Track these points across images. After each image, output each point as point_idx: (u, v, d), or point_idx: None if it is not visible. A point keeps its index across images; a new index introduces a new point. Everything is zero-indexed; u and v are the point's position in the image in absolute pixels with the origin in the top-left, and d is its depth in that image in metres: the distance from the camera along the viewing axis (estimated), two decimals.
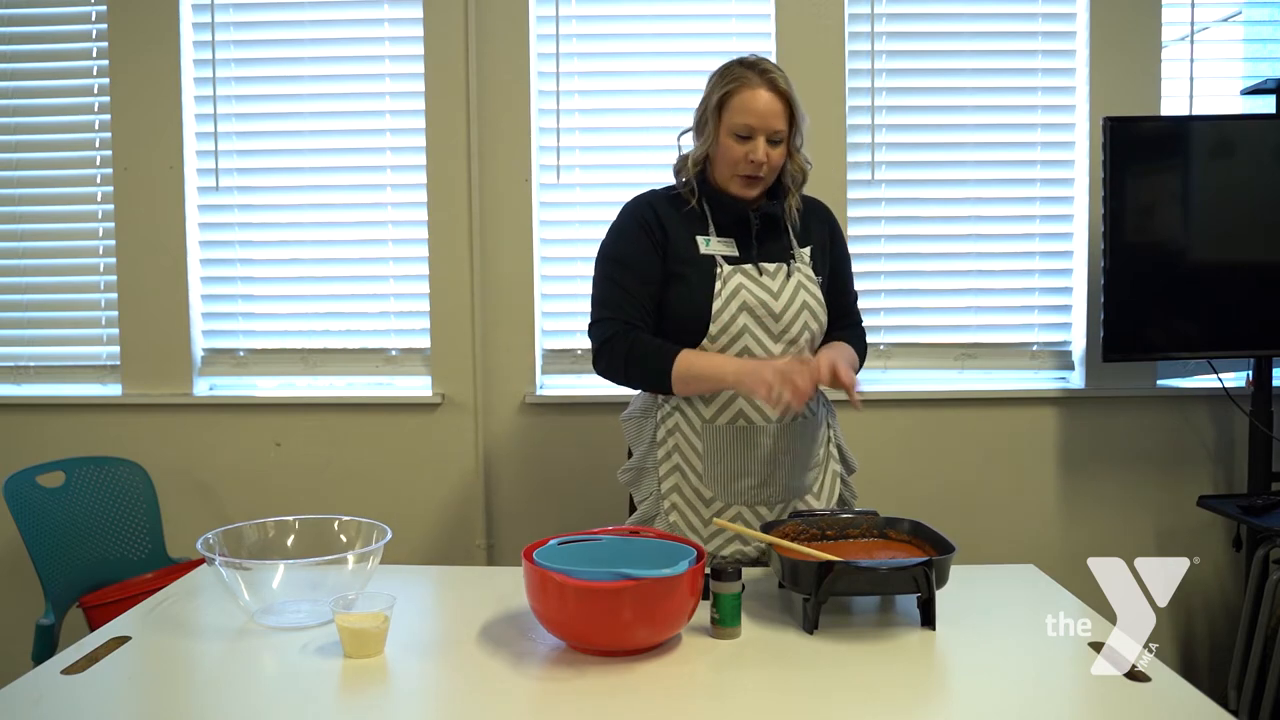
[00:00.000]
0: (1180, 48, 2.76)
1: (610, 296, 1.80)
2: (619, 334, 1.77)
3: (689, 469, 1.83)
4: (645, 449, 1.87)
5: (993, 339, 2.84)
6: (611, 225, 1.86)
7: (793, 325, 1.80)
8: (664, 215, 1.82)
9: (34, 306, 2.90)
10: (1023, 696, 1.30)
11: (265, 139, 2.85)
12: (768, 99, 1.74)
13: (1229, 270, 2.60)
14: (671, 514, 1.84)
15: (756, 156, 1.74)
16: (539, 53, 2.78)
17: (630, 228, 1.82)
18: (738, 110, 1.74)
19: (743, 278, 1.78)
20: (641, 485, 1.88)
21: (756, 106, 1.73)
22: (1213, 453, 2.80)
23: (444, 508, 2.83)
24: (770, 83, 1.74)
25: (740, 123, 1.74)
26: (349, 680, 1.34)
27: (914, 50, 2.79)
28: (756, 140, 1.74)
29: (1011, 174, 2.81)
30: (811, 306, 1.82)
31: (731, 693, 1.31)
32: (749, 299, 1.77)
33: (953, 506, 2.75)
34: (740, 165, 1.76)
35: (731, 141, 1.75)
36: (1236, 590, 2.72)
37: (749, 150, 1.74)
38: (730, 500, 1.81)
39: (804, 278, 1.82)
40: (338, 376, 2.88)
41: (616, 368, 1.80)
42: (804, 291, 1.81)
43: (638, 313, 1.79)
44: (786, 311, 1.79)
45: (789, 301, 1.79)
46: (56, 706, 1.24)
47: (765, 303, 1.78)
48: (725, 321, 1.76)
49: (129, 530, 2.55)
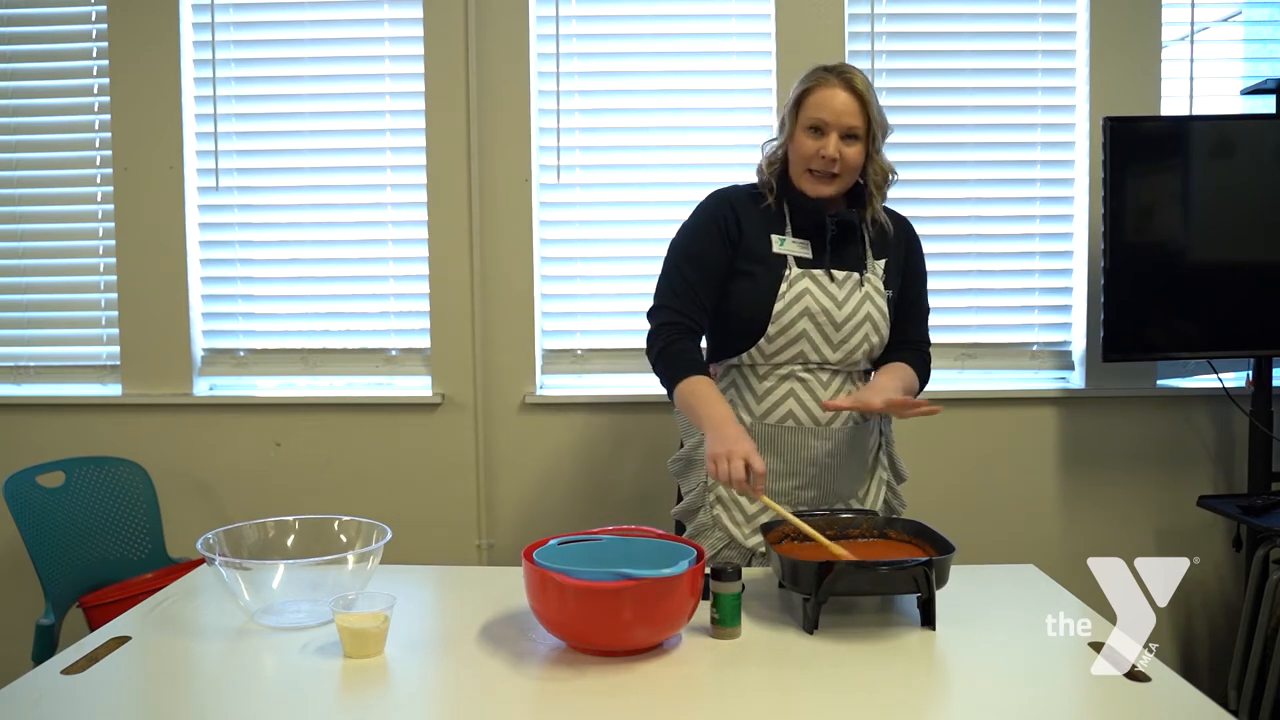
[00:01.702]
0: (1180, 48, 2.76)
1: (672, 286, 1.83)
2: (665, 327, 1.81)
3: None
4: (696, 441, 1.86)
5: (993, 339, 2.84)
6: (690, 215, 1.88)
7: (853, 336, 1.80)
8: (742, 212, 1.83)
9: (34, 306, 2.90)
10: (1023, 696, 1.30)
11: (265, 139, 2.84)
12: (843, 97, 1.75)
13: (1229, 270, 2.60)
14: (715, 507, 1.85)
15: (827, 151, 1.75)
16: (539, 53, 2.78)
17: (705, 222, 1.85)
18: (812, 106, 1.77)
19: (810, 282, 1.79)
20: (690, 476, 1.89)
21: (831, 103, 1.75)
22: (1213, 453, 2.80)
23: (444, 508, 2.83)
24: (846, 82, 1.76)
25: (814, 117, 1.76)
26: (349, 680, 1.34)
27: (914, 50, 2.79)
28: (829, 136, 1.75)
29: (1011, 174, 2.81)
30: (875, 319, 1.82)
31: (731, 693, 1.31)
32: (812, 304, 1.78)
33: (953, 506, 2.74)
34: (812, 160, 1.77)
35: (805, 137, 1.77)
36: (1236, 590, 2.72)
37: (820, 146, 1.76)
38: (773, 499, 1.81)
39: (873, 289, 1.82)
40: (338, 376, 2.88)
41: (651, 358, 1.83)
42: (870, 304, 1.81)
43: (696, 309, 1.81)
44: (849, 322, 1.80)
45: (853, 312, 1.80)
46: (56, 706, 1.24)
47: (828, 310, 1.78)
48: (785, 324, 1.77)
49: (129, 530, 2.55)
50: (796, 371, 1.81)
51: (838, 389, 1.82)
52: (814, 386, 1.80)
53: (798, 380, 1.80)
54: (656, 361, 1.81)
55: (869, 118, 1.77)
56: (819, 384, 1.81)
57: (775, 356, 1.80)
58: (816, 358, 1.80)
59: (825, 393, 1.81)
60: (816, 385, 1.81)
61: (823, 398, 1.80)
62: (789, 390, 1.80)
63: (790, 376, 1.81)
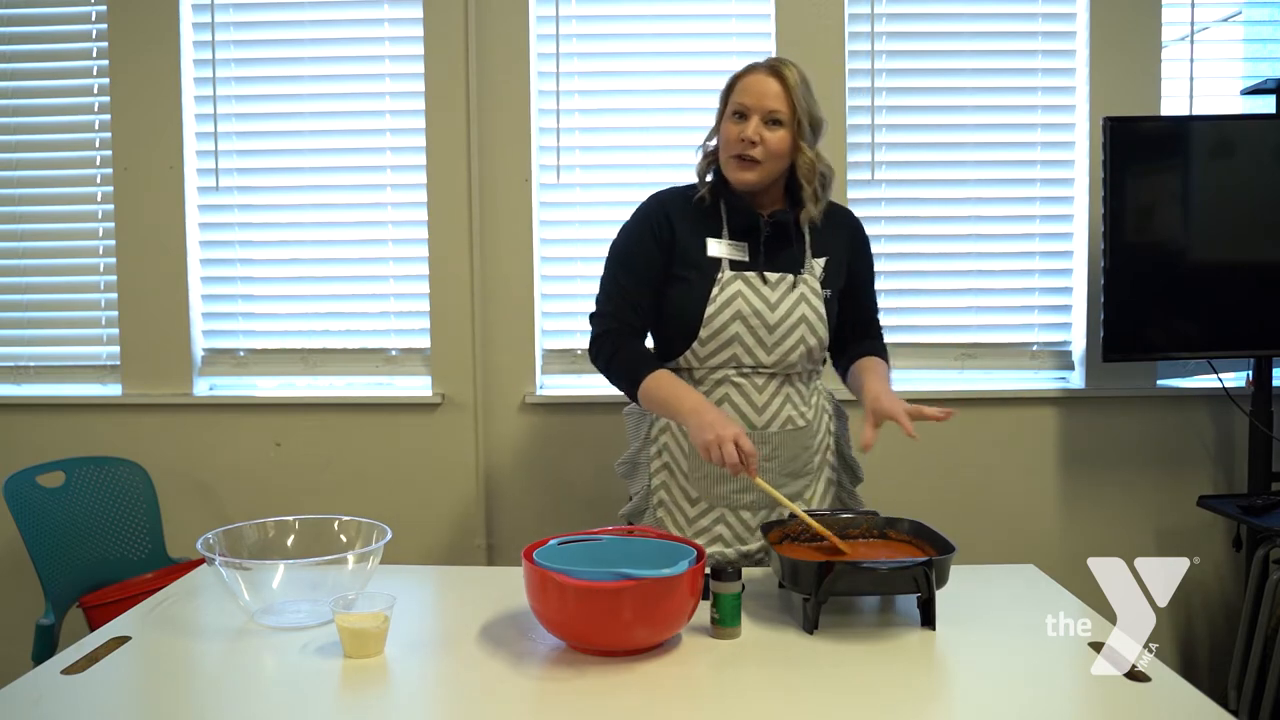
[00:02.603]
0: (1180, 48, 2.75)
1: (610, 292, 1.84)
2: (610, 333, 1.81)
3: (677, 469, 1.84)
4: (640, 445, 1.89)
5: (993, 339, 2.84)
6: (627, 221, 1.88)
7: (787, 338, 1.79)
8: (675, 215, 1.82)
9: (34, 306, 2.90)
10: (1023, 696, 1.30)
11: (265, 139, 2.84)
12: (768, 82, 1.76)
13: (1229, 270, 2.60)
14: (659, 510, 1.85)
15: (747, 134, 1.74)
16: (539, 53, 2.78)
17: (638, 227, 1.85)
18: (738, 92, 1.78)
19: (742, 284, 1.78)
20: (635, 479, 1.91)
21: (755, 88, 1.76)
22: (1213, 453, 2.80)
23: (444, 508, 2.83)
24: (773, 69, 1.76)
25: (737, 102, 1.77)
26: (349, 680, 1.34)
27: (914, 50, 2.78)
28: (750, 119, 1.75)
29: (1011, 174, 2.81)
30: (810, 321, 1.80)
31: (731, 693, 1.31)
32: (744, 307, 1.77)
33: (953, 506, 2.75)
34: (733, 145, 1.77)
35: (729, 123, 1.78)
36: (1236, 590, 2.72)
37: (741, 129, 1.75)
38: (714, 503, 1.82)
39: (809, 290, 1.81)
40: (338, 376, 2.88)
41: (601, 365, 1.83)
42: (805, 305, 1.80)
43: (633, 313, 1.81)
44: (783, 324, 1.78)
45: (787, 313, 1.79)
46: (56, 706, 1.24)
47: (760, 312, 1.77)
48: (716, 327, 1.77)
49: (129, 530, 2.55)
50: (731, 375, 1.80)
51: (774, 392, 1.80)
52: (749, 390, 1.79)
53: (732, 385, 1.80)
54: (609, 366, 1.81)
55: (793, 104, 1.75)
56: (754, 388, 1.80)
57: (709, 360, 1.80)
58: (750, 361, 1.78)
59: (760, 396, 1.79)
60: (751, 389, 1.80)
61: (756, 400, 1.79)
62: (724, 395, 1.80)
63: (725, 381, 1.80)
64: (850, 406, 2.01)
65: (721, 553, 1.82)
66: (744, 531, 1.82)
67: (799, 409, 1.83)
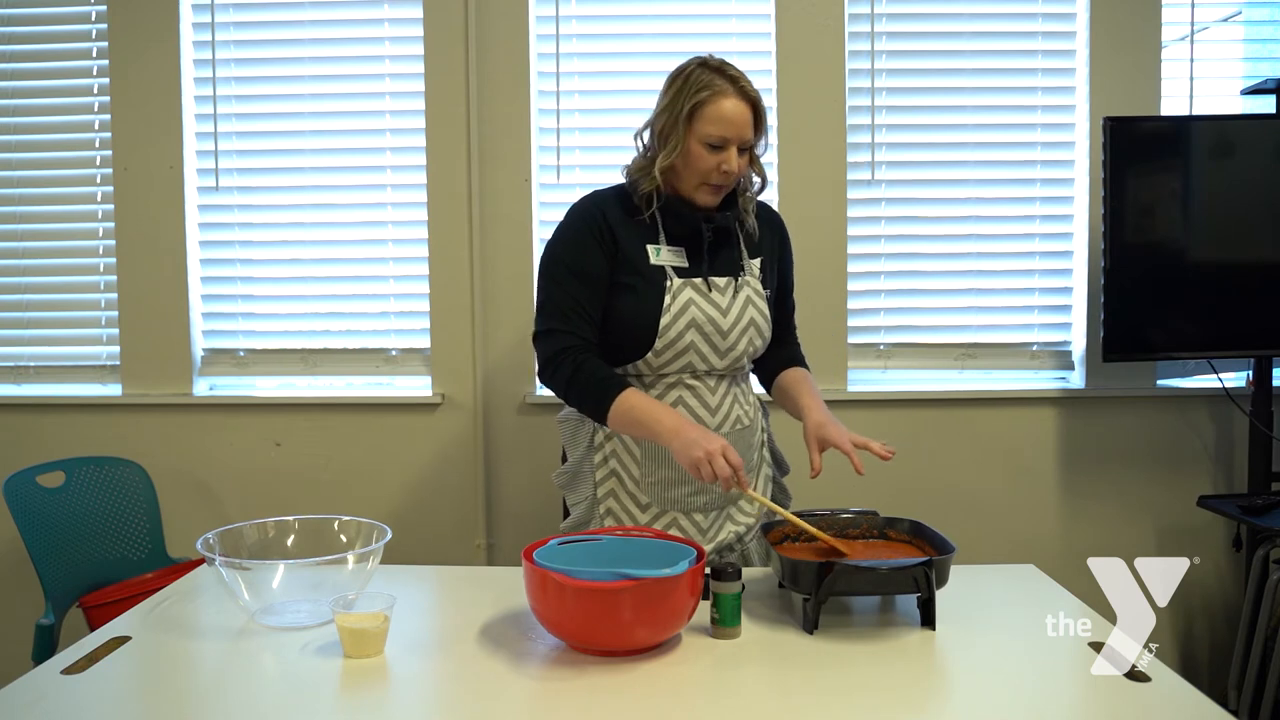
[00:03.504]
0: (1180, 48, 2.76)
1: (560, 306, 1.74)
2: (567, 351, 1.72)
3: (626, 475, 1.81)
4: (582, 453, 1.84)
5: (993, 339, 2.84)
6: (560, 227, 1.80)
7: (738, 342, 1.78)
8: (614, 221, 1.76)
9: (34, 306, 2.90)
10: (1023, 696, 1.30)
11: (265, 139, 2.84)
12: (741, 108, 1.69)
13: (1229, 270, 2.60)
14: (607, 519, 1.82)
15: (730, 167, 1.70)
16: (539, 53, 2.78)
17: (583, 234, 1.76)
18: (711, 120, 1.68)
19: (693, 293, 1.75)
20: (577, 489, 1.86)
21: (732, 116, 1.68)
22: (1213, 453, 2.80)
23: (444, 508, 2.83)
24: (741, 91, 1.70)
25: (714, 133, 1.68)
26: (349, 680, 1.34)
27: (914, 50, 2.78)
28: (729, 150, 1.70)
29: (1011, 174, 2.81)
30: (757, 323, 1.80)
31: (731, 693, 1.31)
32: (698, 315, 1.74)
33: (953, 506, 2.75)
34: (712, 175, 1.71)
35: (703, 151, 1.70)
36: (1236, 590, 2.72)
37: (721, 160, 1.70)
38: (666, 507, 1.80)
39: (752, 292, 1.80)
40: (338, 376, 2.88)
41: (559, 387, 1.74)
42: (751, 307, 1.79)
43: (587, 326, 1.74)
44: (734, 329, 1.77)
45: (737, 319, 1.77)
46: (56, 706, 1.24)
47: (714, 319, 1.75)
48: (672, 338, 1.74)
49: (129, 530, 2.55)
50: (684, 379, 1.78)
51: (724, 393, 1.80)
52: (702, 392, 1.78)
53: (686, 387, 1.78)
54: (569, 387, 1.72)
55: (761, 127, 1.73)
56: (706, 389, 1.79)
57: (663, 368, 1.77)
58: (704, 366, 1.77)
59: (713, 398, 1.78)
60: (704, 390, 1.79)
61: (710, 402, 1.78)
62: (677, 398, 1.78)
63: (679, 384, 1.78)
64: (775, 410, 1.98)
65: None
66: (696, 535, 1.80)
67: (744, 408, 1.83)
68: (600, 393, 1.70)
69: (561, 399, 1.79)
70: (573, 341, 1.72)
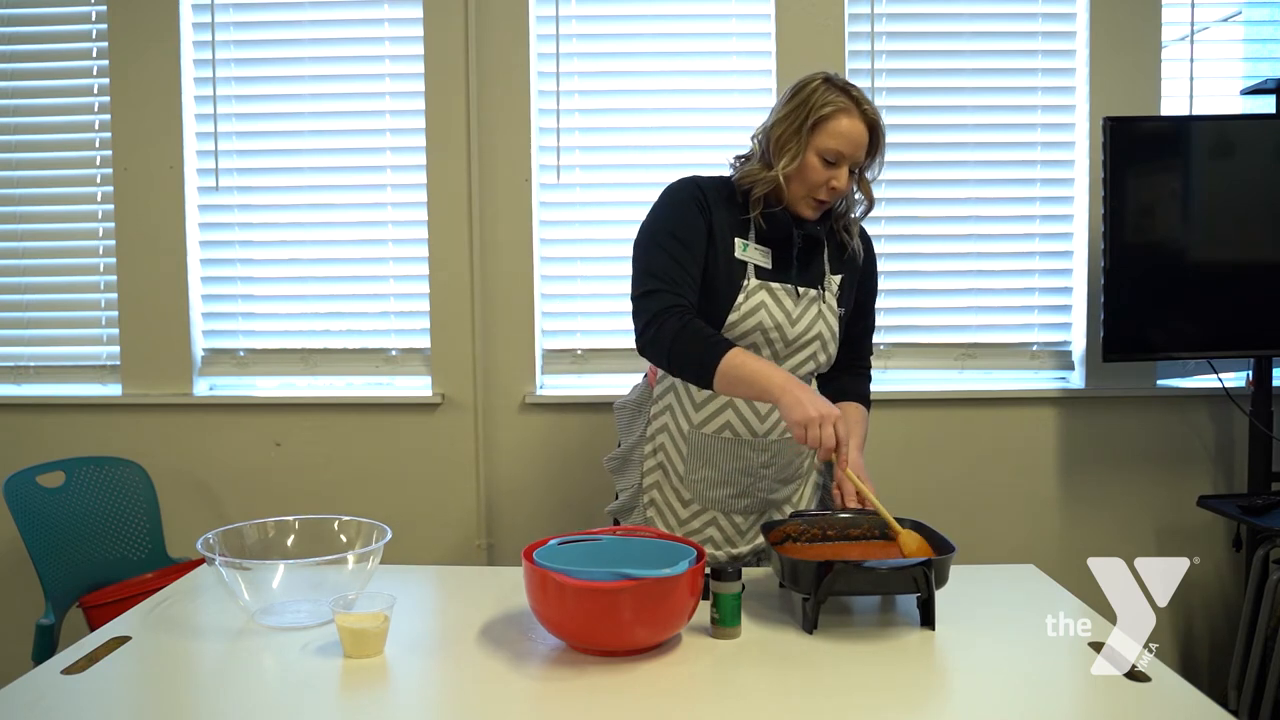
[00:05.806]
0: (1180, 48, 2.76)
1: (664, 267, 1.70)
2: (672, 309, 1.66)
3: (671, 470, 1.83)
4: (634, 441, 1.87)
5: (993, 339, 2.84)
6: (661, 199, 1.79)
7: (800, 352, 1.77)
8: (713, 202, 1.76)
9: (34, 306, 2.90)
10: (1023, 696, 1.30)
11: (265, 139, 2.84)
12: (861, 129, 1.69)
13: (1229, 270, 2.60)
14: (649, 509, 1.85)
15: (839, 184, 1.70)
16: (539, 53, 2.78)
17: (686, 202, 1.75)
18: (832, 134, 1.68)
19: (766, 295, 1.74)
20: (625, 475, 1.89)
21: (851, 134, 1.68)
22: (1213, 453, 2.80)
23: (444, 508, 2.83)
24: (864, 113, 1.69)
25: (832, 148, 1.68)
26: (349, 680, 1.34)
27: (914, 50, 2.78)
28: (842, 168, 1.70)
29: (1011, 174, 2.81)
30: (825, 338, 1.79)
31: (731, 693, 1.31)
32: (766, 319, 1.73)
33: (953, 506, 2.75)
34: (820, 190, 1.71)
35: (818, 164, 1.69)
36: (1236, 590, 2.72)
37: (832, 176, 1.70)
38: (706, 505, 1.82)
39: (828, 308, 1.79)
40: (338, 376, 2.88)
41: (661, 347, 1.67)
42: (822, 321, 1.78)
43: (690, 289, 1.70)
44: (800, 339, 1.76)
45: (806, 329, 1.77)
46: (56, 706, 1.24)
47: (781, 325, 1.74)
48: (735, 336, 1.73)
49: (129, 530, 2.55)
50: None
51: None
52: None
53: None
54: (674, 343, 1.64)
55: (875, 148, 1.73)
56: None
57: None
58: None
59: (764, 405, 1.77)
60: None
61: (761, 409, 1.77)
62: (728, 401, 1.77)
63: None
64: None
65: (711, 555, 1.82)
66: (735, 535, 1.83)
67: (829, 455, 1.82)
68: (709, 348, 1.63)
69: (663, 364, 1.71)
70: (677, 301, 1.68)
